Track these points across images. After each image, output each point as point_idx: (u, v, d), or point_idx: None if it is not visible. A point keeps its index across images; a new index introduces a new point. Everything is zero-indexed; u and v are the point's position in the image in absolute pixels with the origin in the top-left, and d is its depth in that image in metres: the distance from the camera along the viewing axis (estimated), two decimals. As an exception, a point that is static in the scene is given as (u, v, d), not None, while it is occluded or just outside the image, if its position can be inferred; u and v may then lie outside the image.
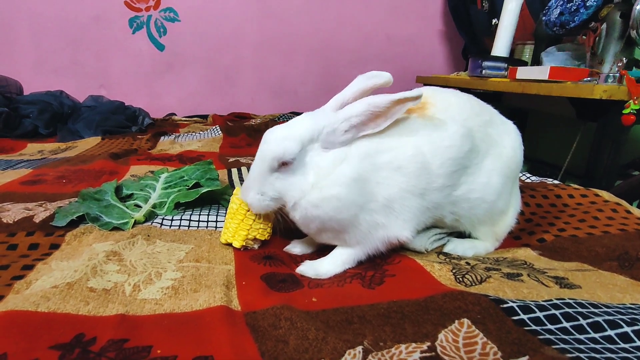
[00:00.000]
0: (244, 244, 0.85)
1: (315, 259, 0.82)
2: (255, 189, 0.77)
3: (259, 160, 0.77)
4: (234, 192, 0.89)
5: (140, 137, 2.09)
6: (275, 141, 0.75)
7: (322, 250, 0.86)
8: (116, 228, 0.92)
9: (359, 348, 0.54)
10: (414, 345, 0.54)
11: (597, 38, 1.59)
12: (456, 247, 0.89)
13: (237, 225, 0.85)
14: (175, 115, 2.75)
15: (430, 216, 0.82)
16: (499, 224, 0.89)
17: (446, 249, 0.89)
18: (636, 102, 1.34)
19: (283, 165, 0.74)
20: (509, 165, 0.86)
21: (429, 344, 0.55)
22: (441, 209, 0.82)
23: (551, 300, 0.63)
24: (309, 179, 0.74)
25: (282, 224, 0.82)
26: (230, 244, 0.87)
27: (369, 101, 0.72)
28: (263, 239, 0.86)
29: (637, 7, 1.39)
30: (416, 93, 0.71)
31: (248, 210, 0.84)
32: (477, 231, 0.89)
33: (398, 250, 0.88)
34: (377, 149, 0.74)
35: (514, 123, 0.92)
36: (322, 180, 0.73)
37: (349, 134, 0.73)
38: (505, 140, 0.86)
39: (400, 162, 0.75)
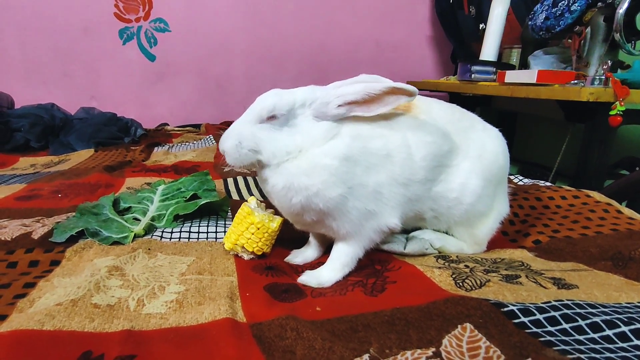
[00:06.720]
0: (232, 248, 0.87)
1: (316, 267, 0.83)
2: (234, 137, 0.76)
3: (247, 111, 0.78)
4: (249, 199, 0.93)
5: (133, 148, 2.09)
6: (268, 95, 0.77)
7: (324, 258, 0.87)
8: (116, 242, 0.92)
9: (366, 356, 0.54)
10: (419, 351, 0.55)
11: (582, 41, 1.63)
12: (446, 242, 0.92)
13: (232, 228, 0.89)
14: (168, 125, 2.74)
15: (411, 209, 0.84)
16: (478, 226, 0.90)
17: (436, 246, 0.91)
18: (622, 103, 1.37)
19: (271, 118, 0.75)
20: (490, 169, 0.87)
21: (434, 349, 0.56)
22: (422, 202, 0.84)
23: (550, 302, 0.64)
24: (295, 140, 0.75)
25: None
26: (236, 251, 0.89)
27: (366, 84, 0.74)
28: (250, 250, 0.86)
29: (620, 11, 1.43)
30: (412, 88, 0.73)
31: (245, 217, 0.87)
32: (454, 231, 0.92)
33: (397, 256, 0.90)
34: (369, 134, 0.76)
35: (505, 126, 0.94)
36: (313, 149, 0.74)
37: (342, 109, 0.74)
38: (487, 144, 0.89)
39: (389, 150, 0.77)
